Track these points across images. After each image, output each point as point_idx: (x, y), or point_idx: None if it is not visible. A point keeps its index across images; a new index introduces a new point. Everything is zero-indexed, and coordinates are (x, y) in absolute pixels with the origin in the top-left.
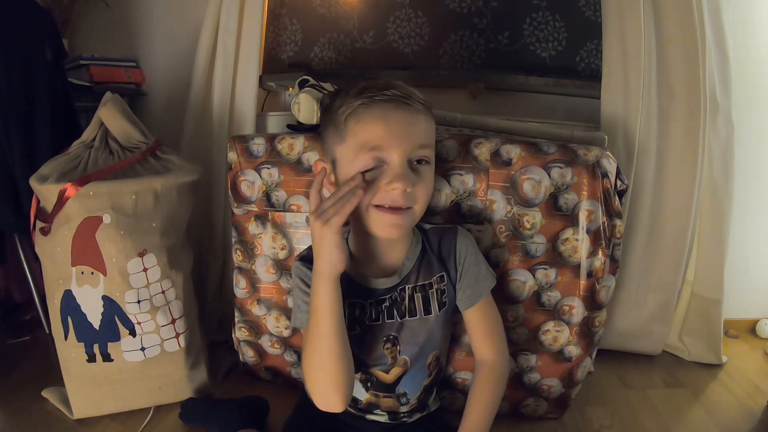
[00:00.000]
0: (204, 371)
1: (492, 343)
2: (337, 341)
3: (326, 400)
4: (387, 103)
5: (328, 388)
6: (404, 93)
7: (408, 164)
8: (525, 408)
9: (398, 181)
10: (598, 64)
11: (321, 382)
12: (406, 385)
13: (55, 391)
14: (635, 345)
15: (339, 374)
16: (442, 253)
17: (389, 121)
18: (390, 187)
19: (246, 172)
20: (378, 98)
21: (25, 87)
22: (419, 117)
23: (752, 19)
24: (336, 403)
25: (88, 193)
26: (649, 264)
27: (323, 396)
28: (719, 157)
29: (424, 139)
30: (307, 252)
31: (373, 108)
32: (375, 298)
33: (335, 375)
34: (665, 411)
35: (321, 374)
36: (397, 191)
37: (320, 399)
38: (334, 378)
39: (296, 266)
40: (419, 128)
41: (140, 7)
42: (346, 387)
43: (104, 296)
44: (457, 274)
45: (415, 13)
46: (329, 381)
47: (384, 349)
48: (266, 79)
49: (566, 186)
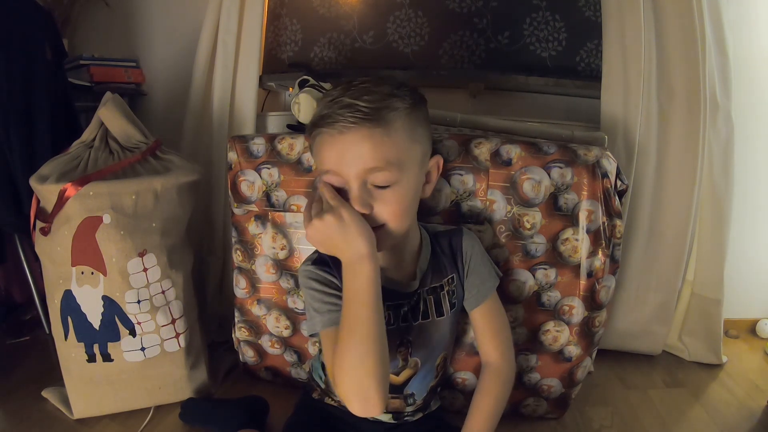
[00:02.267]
0: (204, 371)
1: (497, 344)
2: (380, 329)
3: (365, 401)
4: (335, 127)
5: (369, 386)
6: (356, 113)
7: (365, 186)
8: (525, 408)
9: (354, 204)
10: (598, 64)
11: (359, 381)
12: (415, 387)
13: (55, 391)
14: (635, 345)
15: (380, 370)
16: (450, 255)
17: (336, 146)
18: None
19: (246, 172)
20: (327, 123)
21: (25, 87)
22: (370, 138)
23: (752, 18)
24: (375, 404)
25: (88, 193)
26: (649, 264)
27: (362, 398)
28: (719, 157)
29: (375, 161)
30: (318, 255)
31: (327, 133)
32: (394, 302)
33: (376, 370)
34: (665, 411)
35: (360, 371)
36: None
37: (359, 402)
38: (375, 374)
39: (307, 270)
40: (366, 148)
41: (140, 7)
42: (386, 384)
43: (104, 296)
44: (464, 274)
45: (415, 13)
46: (370, 378)
47: (398, 353)
48: (266, 79)
49: (566, 186)
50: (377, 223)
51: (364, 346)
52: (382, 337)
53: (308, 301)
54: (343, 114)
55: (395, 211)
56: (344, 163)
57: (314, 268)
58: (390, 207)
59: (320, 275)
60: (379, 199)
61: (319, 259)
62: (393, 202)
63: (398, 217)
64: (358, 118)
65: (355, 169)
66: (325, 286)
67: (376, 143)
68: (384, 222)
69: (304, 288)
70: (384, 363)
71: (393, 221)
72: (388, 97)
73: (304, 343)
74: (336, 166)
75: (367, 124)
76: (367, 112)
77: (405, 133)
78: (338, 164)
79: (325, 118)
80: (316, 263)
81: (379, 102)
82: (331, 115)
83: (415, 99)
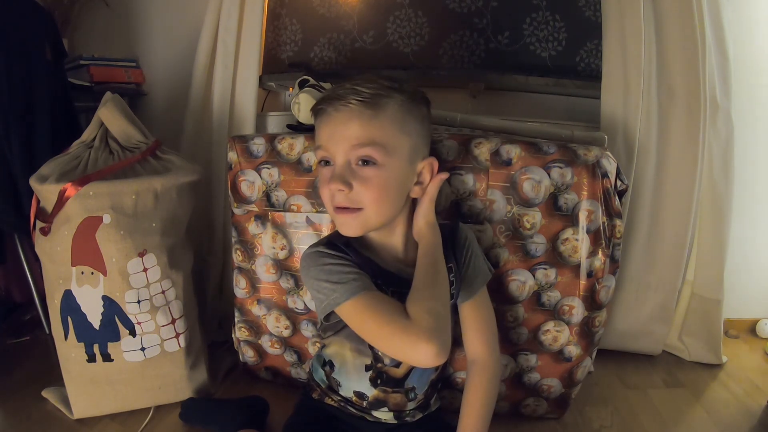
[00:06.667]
0: (204, 371)
1: (484, 339)
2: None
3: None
4: (331, 106)
5: (447, 329)
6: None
7: (349, 165)
8: (525, 408)
9: (333, 182)
10: (598, 64)
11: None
12: (415, 380)
13: (55, 391)
14: (635, 345)
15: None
16: (450, 246)
17: (329, 123)
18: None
19: (246, 172)
20: (327, 100)
21: (25, 87)
22: (359, 117)
23: (752, 18)
24: (445, 350)
25: (88, 193)
26: (649, 264)
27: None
28: (719, 157)
29: (360, 138)
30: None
31: (323, 111)
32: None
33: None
34: (665, 411)
35: (442, 319)
36: (333, 190)
37: (437, 344)
38: (449, 324)
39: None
40: (355, 128)
41: (140, 7)
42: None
43: (104, 296)
44: (462, 266)
45: (415, 13)
46: (446, 323)
47: None
48: (266, 79)
49: (566, 186)
50: (355, 205)
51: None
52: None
53: (322, 277)
54: (343, 95)
55: (373, 196)
56: (333, 140)
57: (324, 248)
58: (369, 190)
59: (333, 253)
60: (359, 178)
61: (329, 242)
62: (373, 184)
63: (376, 202)
64: (355, 100)
65: (342, 145)
66: (340, 260)
67: (363, 122)
68: (362, 206)
69: (315, 267)
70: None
71: (371, 206)
72: (387, 89)
73: (304, 343)
74: (326, 142)
75: (360, 106)
76: (364, 96)
77: (395, 121)
78: (328, 140)
79: (327, 97)
80: (326, 245)
81: (377, 90)
82: (332, 95)
83: (415, 96)
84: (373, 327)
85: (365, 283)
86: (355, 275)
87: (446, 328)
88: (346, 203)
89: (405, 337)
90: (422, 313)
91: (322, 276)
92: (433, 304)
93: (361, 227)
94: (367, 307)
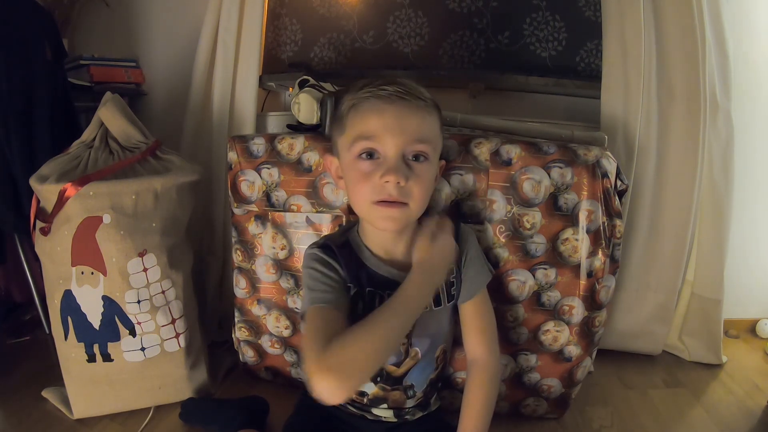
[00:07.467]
0: (204, 371)
1: (484, 340)
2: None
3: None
4: (384, 98)
5: (357, 372)
6: (404, 89)
7: (403, 159)
8: (525, 408)
9: (390, 174)
10: (598, 64)
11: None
12: (414, 378)
13: (55, 391)
14: (635, 345)
15: (374, 366)
16: None
17: (384, 114)
18: (383, 180)
19: (246, 172)
20: (377, 93)
21: (25, 87)
22: (417, 112)
23: (752, 18)
24: (347, 389)
25: (88, 193)
26: (649, 264)
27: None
28: (719, 157)
29: (419, 134)
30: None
31: (371, 102)
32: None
33: (372, 365)
34: (665, 411)
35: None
36: (390, 184)
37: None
38: (370, 368)
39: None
40: (415, 123)
41: (140, 7)
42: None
43: (104, 296)
44: (462, 266)
45: (415, 13)
46: (365, 366)
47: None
48: (266, 79)
49: (566, 186)
50: (403, 200)
51: (384, 339)
52: (390, 345)
53: (305, 280)
54: (393, 88)
55: (422, 192)
56: (388, 131)
57: (319, 252)
58: (419, 185)
59: (324, 259)
60: (412, 173)
61: (325, 245)
62: (423, 179)
63: (421, 198)
64: (408, 92)
65: (400, 138)
66: (325, 268)
67: (423, 117)
68: (408, 201)
69: (306, 268)
70: (380, 364)
71: (417, 201)
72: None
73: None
74: (379, 132)
75: (414, 101)
76: (420, 94)
77: (438, 121)
78: (382, 131)
79: (373, 88)
80: (321, 247)
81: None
82: (379, 86)
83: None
84: (304, 339)
85: (330, 296)
86: (326, 287)
87: (360, 371)
88: (400, 196)
89: (309, 363)
90: (340, 348)
91: (306, 279)
92: (364, 345)
93: (404, 221)
94: (311, 320)
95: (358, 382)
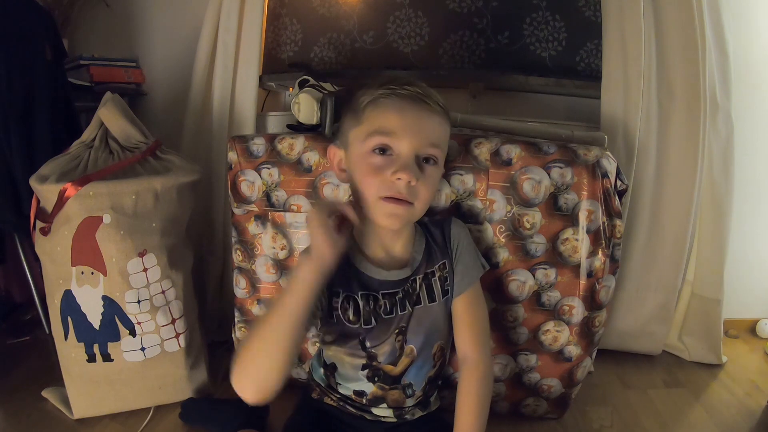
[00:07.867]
0: (204, 371)
1: (474, 336)
2: (292, 332)
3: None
4: (406, 98)
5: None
6: (424, 92)
7: (415, 160)
8: (525, 408)
9: (403, 172)
10: (598, 64)
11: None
12: (412, 376)
13: (55, 391)
14: (635, 345)
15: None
16: (442, 242)
17: (405, 113)
18: (395, 177)
19: (246, 172)
20: (399, 91)
21: (25, 87)
22: (434, 117)
23: (752, 18)
24: (250, 391)
25: (88, 193)
26: (649, 264)
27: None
28: (719, 157)
29: (435, 138)
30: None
31: (392, 99)
32: (389, 290)
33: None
34: (665, 411)
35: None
36: (402, 182)
37: (237, 383)
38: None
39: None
40: (432, 127)
41: (140, 7)
42: (268, 386)
43: (104, 296)
44: (453, 261)
45: (415, 13)
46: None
47: (395, 341)
48: (266, 79)
49: (566, 186)
50: (411, 199)
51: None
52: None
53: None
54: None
55: (428, 194)
56: (407, 131)
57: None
58: (426, 187)
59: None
60: (422, 174)
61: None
62: (431, 182)
63: (425, 200)
64: (428, 96)
65: (416, 139)
66: None
67: (439, 122)
68: (415, 201)
69: None
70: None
71: (421, 202)
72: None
73: (303, 343)
74: (398, 130)
75: (433, 105)
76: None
77: (448, 129)
78: (400, 130)
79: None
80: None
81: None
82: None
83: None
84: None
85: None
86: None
87: (251, 371)
88: (408, 196)
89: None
90: (239, 353)
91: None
92: (250, 345)
93: (407, 220)
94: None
95: (255, 382)
